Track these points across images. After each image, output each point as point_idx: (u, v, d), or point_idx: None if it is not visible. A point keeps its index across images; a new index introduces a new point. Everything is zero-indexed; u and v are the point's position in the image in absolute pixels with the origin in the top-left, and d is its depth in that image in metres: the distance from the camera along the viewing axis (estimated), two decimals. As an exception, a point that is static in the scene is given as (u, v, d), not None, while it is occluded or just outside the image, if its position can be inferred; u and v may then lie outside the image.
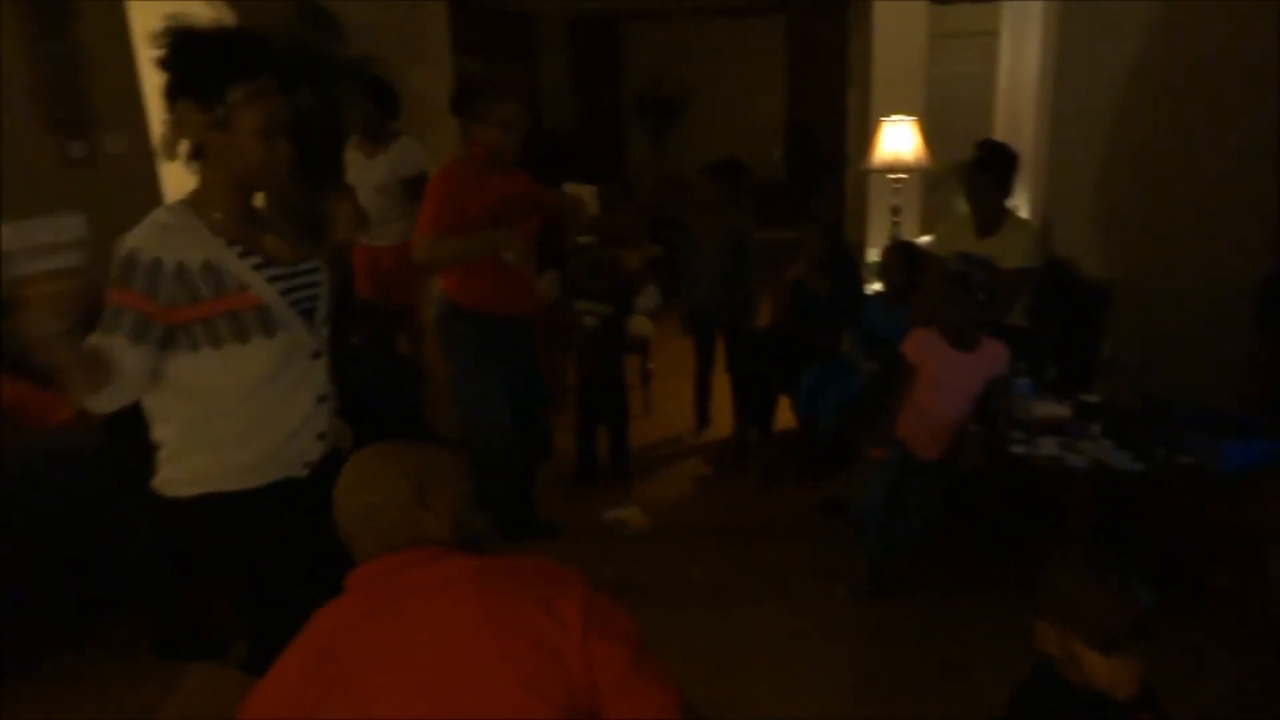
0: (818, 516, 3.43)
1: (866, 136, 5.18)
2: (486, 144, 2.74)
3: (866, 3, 5.67)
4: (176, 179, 3.88)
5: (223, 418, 1.64)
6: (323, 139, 4.27)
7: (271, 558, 1.73)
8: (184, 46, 1.57)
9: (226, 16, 4.66)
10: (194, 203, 1.64)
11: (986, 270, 2.92)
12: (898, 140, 4.54)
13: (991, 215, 3.31)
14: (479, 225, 2.71)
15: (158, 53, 1.57)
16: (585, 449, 3.83)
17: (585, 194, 7.28)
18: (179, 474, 1.67)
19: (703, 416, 4.32)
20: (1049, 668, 1.45)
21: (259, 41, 1.62)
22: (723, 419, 4.21)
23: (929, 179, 5.09)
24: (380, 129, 4.16)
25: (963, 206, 3.55)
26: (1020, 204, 3.94)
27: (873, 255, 4.86)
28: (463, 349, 2.92)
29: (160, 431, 1.67)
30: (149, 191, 4.28)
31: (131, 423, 1.71)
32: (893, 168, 4.60)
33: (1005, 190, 3.31)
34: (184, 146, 1.62)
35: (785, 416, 3.89)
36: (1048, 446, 2.69)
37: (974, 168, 3.32)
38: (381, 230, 4.14)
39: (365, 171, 4.16)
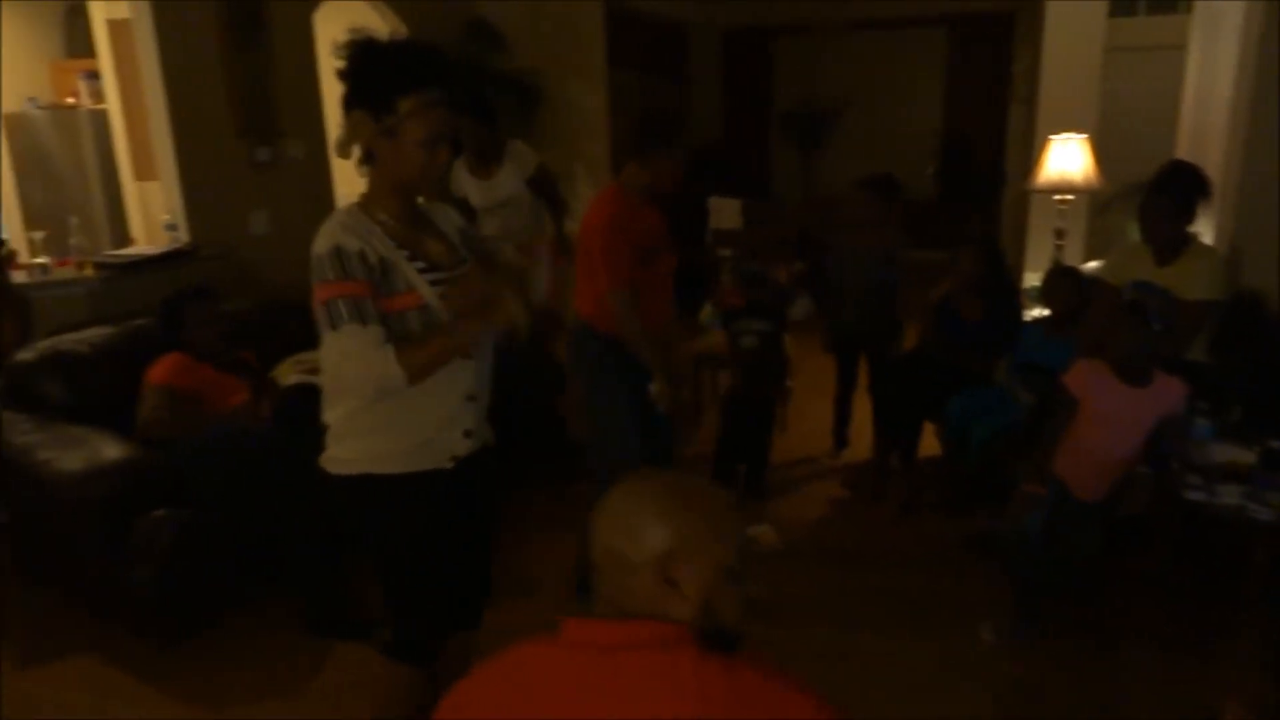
0: (960, 551, 3.27)
1: (1029, 155, 4.94)
2: (656, 178, 2.77)
3: (1036, 15, 5.42)
4: (347, 182, 4.14)
5: (377, 407, 1.73)
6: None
7: (413, 541, 1.83)
8: (361, 59, 1.66)
9: (401, 28, 4.94)
10: (364, 206, 1.74)
11: (1164, 300, 2.70)
12: (1066, 159, 4.30)
13: (1167, 242, 3.05)
14: (633, 263, 2.75)
15: (338, 63, 1.67)
16: (724, 466, 3.76)
17: (729, 207, 7.29)
18: (340, 454, 1.79)
19: (841, 438, 4.21)
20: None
21: (431, 54, 1.69)
22: (861, 442, 4.08)
23: (1096, 202, 4.79)
24: (489, 147, 4.01)
25: (1135, 232, 3.30)
26: (1204, 230, 3.63)
27: (1031, 280, 4.62)
28: (594, 371, 2.95)
29: (328, 414, 1.79)
30: (324, 193, 4.58)
31: (300, 410, 1.82)
32: (1059, 188, 4.36)
33: (1185, 215, 3.04)
34: (356, 150, 1.71)
35: (929, 443, 3.74)
36: (1228, 495, 2.48)
37: (1151, 190, 3.08)
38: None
39: (488, 194, 4.06)
